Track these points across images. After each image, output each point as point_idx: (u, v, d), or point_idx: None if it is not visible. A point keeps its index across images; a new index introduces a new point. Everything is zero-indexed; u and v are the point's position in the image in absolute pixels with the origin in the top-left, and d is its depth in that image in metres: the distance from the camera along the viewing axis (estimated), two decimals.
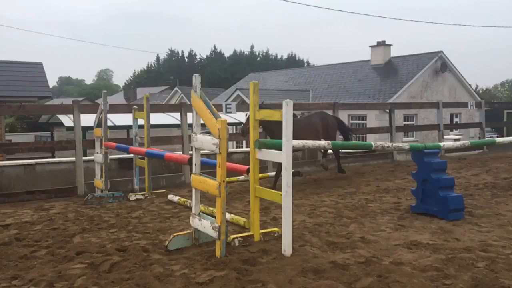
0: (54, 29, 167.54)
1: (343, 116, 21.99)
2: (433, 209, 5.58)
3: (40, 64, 15.27)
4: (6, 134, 15.99)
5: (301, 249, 4.33)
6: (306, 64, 63.26)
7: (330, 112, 10.15)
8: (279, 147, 4.29)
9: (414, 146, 5.79)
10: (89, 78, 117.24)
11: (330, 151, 9.43)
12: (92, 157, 8.11)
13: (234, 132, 16.37)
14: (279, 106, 4.21)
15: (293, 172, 7.14)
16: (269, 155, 4.42)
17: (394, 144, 6.01)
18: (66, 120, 15.07)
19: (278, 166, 7.75)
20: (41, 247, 4.56)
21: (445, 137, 13.13)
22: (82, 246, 4.50)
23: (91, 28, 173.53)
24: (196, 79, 4.30)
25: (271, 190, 4.50)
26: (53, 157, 13.98)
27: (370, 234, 4.90)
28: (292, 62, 63.12)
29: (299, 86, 30.98)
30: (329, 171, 9.79)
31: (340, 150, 9.40)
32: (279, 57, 67.98)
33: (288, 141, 4.02)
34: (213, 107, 4.18)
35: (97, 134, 7.50)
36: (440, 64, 25.71)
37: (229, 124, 12.89)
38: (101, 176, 7.37)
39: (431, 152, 5.72)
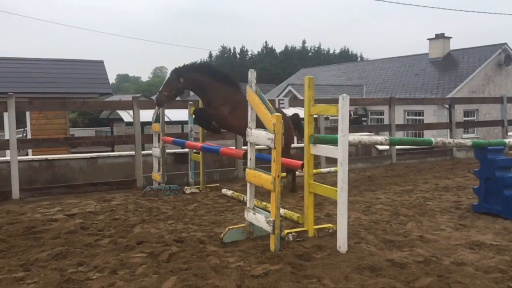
0: (112, 28, 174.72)
1: (399, 111, 21.42)
2: (497, 208, 5.31)
3: (101, 62, 15.99)
4: (69, 129, 16.88)
5: (357, 246, 4.26)
6: (359, 59, 61.89)
7: (386, 108, 9.88)
8: (334, 142, 4.25)
9: (477, 142, 5.52)
10: (145, 76, 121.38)
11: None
12: (149, 151, 8.41)
13: None
14: (332, 102, 4.16)
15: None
16: (324, 150, 4.38)
17: (455, 141, 5.75)
18: (126, 115, 15.71)
19: (292, 171, 7.34)
20: (104, 236, 4.80)
21: (509, 133, 12.41)
22: (142, 236, 4.69)
23: (147, 27, 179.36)
24: (252, 74, 4.33)
25: (325, 185, 4.46)
26: (112, 151, 14.61)
27: (429, 233, 4.74)
28: (345, 56, 61.97)
29: (352, 81, 30.40)
30: (384, 167, 9.58)
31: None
32: (331, 51, 66.97)
33: (344, 136, 3.97)
34: (268, 102, 4.20)
35: (155, 129, 7.75)
36: (504, 57, 24.32)
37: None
38: (159, 170, 7.62)
39: (495, 149, 5.43)
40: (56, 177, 8.28)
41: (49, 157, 8.54)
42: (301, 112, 15.53)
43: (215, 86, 6.83)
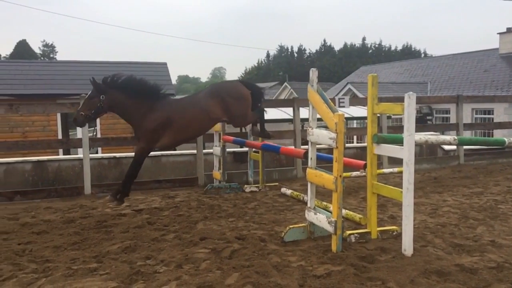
0: (173, 30, 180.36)
1: (467, 110, 20.34)
2: None
3: (165, 64, 16.57)
4: None
5: (423, 250, 4.12)
6: (423, 55, 59.53)
7: (453, 107, 9.40)
8: (399, 142, 4.12)
9: None
10: (204, 76, 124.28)
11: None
12: (210, 150, 8.60)
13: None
14: (395, 100, 4.04)
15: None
16: (388, 150, 4.27)
17: None
18: None
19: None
20: (169, 231, 4.98)
21: None
22: (205, 233, 4.81)
23: (206, 28, 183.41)
24: (313, 73, 4.31)
25: (390, 186, 4.34)
26: (174, 149, 15.09)
27: (502, 237, 4.48)
28: (408, 53, 59.90)
29: (415, 78, 29.29)
30: (451, 168, 9.16)
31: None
32: (392, 48, 65.01)
33: (410, 135, 3.84)
34: (330, 101, 4.16)
35: (216, 129, 7.91)
36: None
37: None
38: (219, 168, 7.78)
39: None
40: (123, 174, 8.66)
41: (117, 155, 8.99)
42: (362, 111, 15.24)
43: (141, 108, 5.83)
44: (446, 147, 10.39)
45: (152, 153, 9.35)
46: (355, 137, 18.09)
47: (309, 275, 3.52)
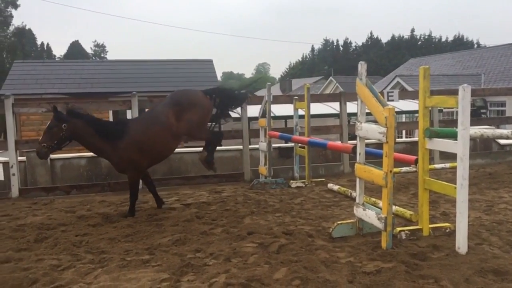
0: (218, 28, 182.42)
1: None
2: None
3: (211, 61, 16.83)
4: None
5: (478, 248, 3.95)
6: (476, 46, 56.87)
7: (509, 99, 8.92)
8: (452, 136, 3.97)
9: None
10: (248, 72, 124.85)
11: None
12: (255, 146, 8.65)
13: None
14: (446, 93, 3.88)
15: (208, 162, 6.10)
16: (441, 144, 4.12)
17: None
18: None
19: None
20: (217, 225, 5.07)
21: None
22: (252, 227, 4.85)
23: (250, 24, 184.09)
24: (362, 66, 4.23)
25: (443, 182, 4.19)
26: (220, 145, 15.30)
27: None
28: (459, 44, 57.42)
29: (468, 70, 28.04)
30: (507, 163, 8.70)
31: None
32: (443, 39, 62.56)
33: (465, 129, 3.69)
34: (379, 95, 4.07)
35: (262, 124, 7.95)
36: None
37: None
38: (265, 164, 7.81)
39: None
40: (172, 169, 8.91)
41: None
42: (412, 104, 14.82)
43: (97, 138, 5.60)
44: (502, 141, 9.89)
45: (199, 149, 9.52)
46: (404, 131, 17.61)
47: (359, 272, 3.47)
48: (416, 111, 14.88)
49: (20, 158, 7.87)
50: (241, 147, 8.73)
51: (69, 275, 3.63)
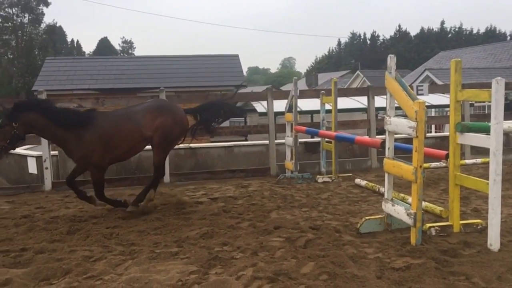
0: (243, 22, 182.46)
1: None
2: None
3: (237, 56, 16.88)
4: None
5: (511, 245, 3.85)
6: (509, 38, 55.02)
7: None
8: (485, 131, 3.87)
9: None
10: (274, 67, 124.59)
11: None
12: (281, 141, 8.64)
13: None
14: (478, 86, 3.78)
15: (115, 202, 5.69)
16: (473, 139, 4.02)
17: None
18: (259, 106, 16.35)
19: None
20: (244, 220, 5.10)
21: None
22: (279, 222, 4.86)
23: (275, 18, 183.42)
24: (391, 60, 4.16)
25: (474, 178, 4.09)
26: (245, 140, 15.35)
27: None
28: (491, 36, 55.67)
29: (501, 63, 27.20)
30: None
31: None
32: (474, 31, 60.83)
33: (498, 123, 3.59)
34: (409, 88, 4.00)
35: (288, 119, 7.93)
36: None
37: None
38: (291, 158, 7.80)
39: None
40: (198, 164, 9.00)
41: (193, 145, 9.31)
42: (442, 98, 14.49)
43: (58, 129, 5.36)
44: None
45: (225, 144, 9.61)
46: (433, 126, 17.25)
47: (387, 267, 3.43)
48: (446, 106, 14.55)
49: (52, 152, 8.10)
50: (267, 141, 8.74)
51: (101, 266, 3.73)
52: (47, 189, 7.60)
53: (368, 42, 66.73)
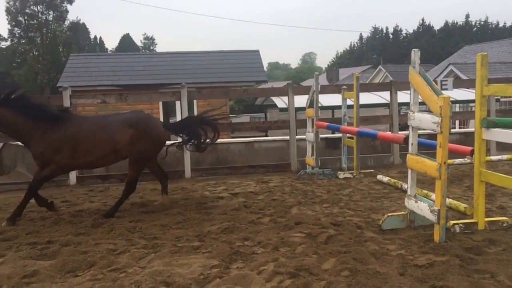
0: (263, 17, 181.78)
1: None
2: None
3: (257, 51, 16.85)
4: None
5: None
6: None
7: None
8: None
9: None
10: (294, 62, 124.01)
11: None
12: (302, 136, 8.61)
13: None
14: (504, 81, 3.68)
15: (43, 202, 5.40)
16: (499, 135, 3.93)
17: None
18: (279, 102, 16.32)
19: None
20: (264, 215, 5.11)
21: None
22: (300, 217, 4.85)
23: (296, 13, 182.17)
24: (415, 54, 4.09)
25: (501, 174, 4.00)
26: (266, 136, 15.36)
27: None
28: None
29: None
30: None
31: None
32: (501, 25, 59.24)
33: None
34: (434, 83, 3.93)
35: (309, 114, 7.89)
36: None
37: None
38: (312, 154, 7.77)
39: None
40: (219, 159, 9.05)
41: None
42: (466, 93, 14.17)
43: (29, 124, 5.20)
44: None
45: (245, 139, 9.63)
46: (457, 122, 16.93)
47: (410, 264, 3.40)
48: (471, 101, 14.26)
49: None
50: (287, 137, 8.73)
51: (125, 259, 3.80)
52: (71, 183, 7.76)
53: (391, 36, 65.69)
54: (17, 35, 43.69)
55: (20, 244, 4.30)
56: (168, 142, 6.03)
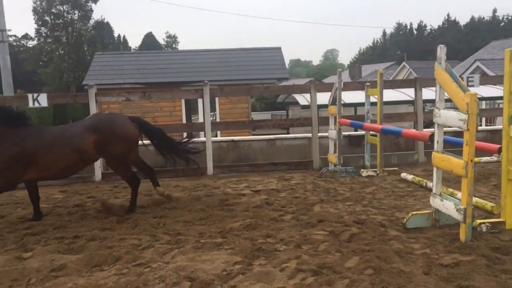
0: (285, 14, 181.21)
1: None
2: None
3: (279, 48, 16.82)
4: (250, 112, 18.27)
5: None
6: None
7: None
8: None
9: None
10: (316, 59, 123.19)
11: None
12: (324, 134, 8.55)
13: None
14: None
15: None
16: None
17: None
18: (301, 99, 16.27)
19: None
20: (287, 212, 5.11)
21: None
22: (322, 215, 4.83)
23: (318, 9, 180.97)
24: (441, 50, 4.02)
25: None
26: (287, 133, 15.34)
27: None
28: None
29: None
30: None
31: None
32: None
33: None
34: (460, 80, 3.85)
35: (331, 112, 7.84)
36: None
37: None
38: (334, 152, 7.72)
39: None
40: (240, 156, 9.08)
41: (235, 138, 9.42)
42: (493, 90, 13.83)
43: None
44: None
45: (267, 137, 9.63)
46: (483, 119, 16.56)
47: (435, 264, 3.35)
48: (498, 98, 13.91)
49: None
50: (309, 134, 8.69)
51: (149, 254, 3.86)
52: (97, 179, 7.91)
53: (415, 32, 64.60)
54: (43, 34, 44.65)
55: (48, 239, 4.41)
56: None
